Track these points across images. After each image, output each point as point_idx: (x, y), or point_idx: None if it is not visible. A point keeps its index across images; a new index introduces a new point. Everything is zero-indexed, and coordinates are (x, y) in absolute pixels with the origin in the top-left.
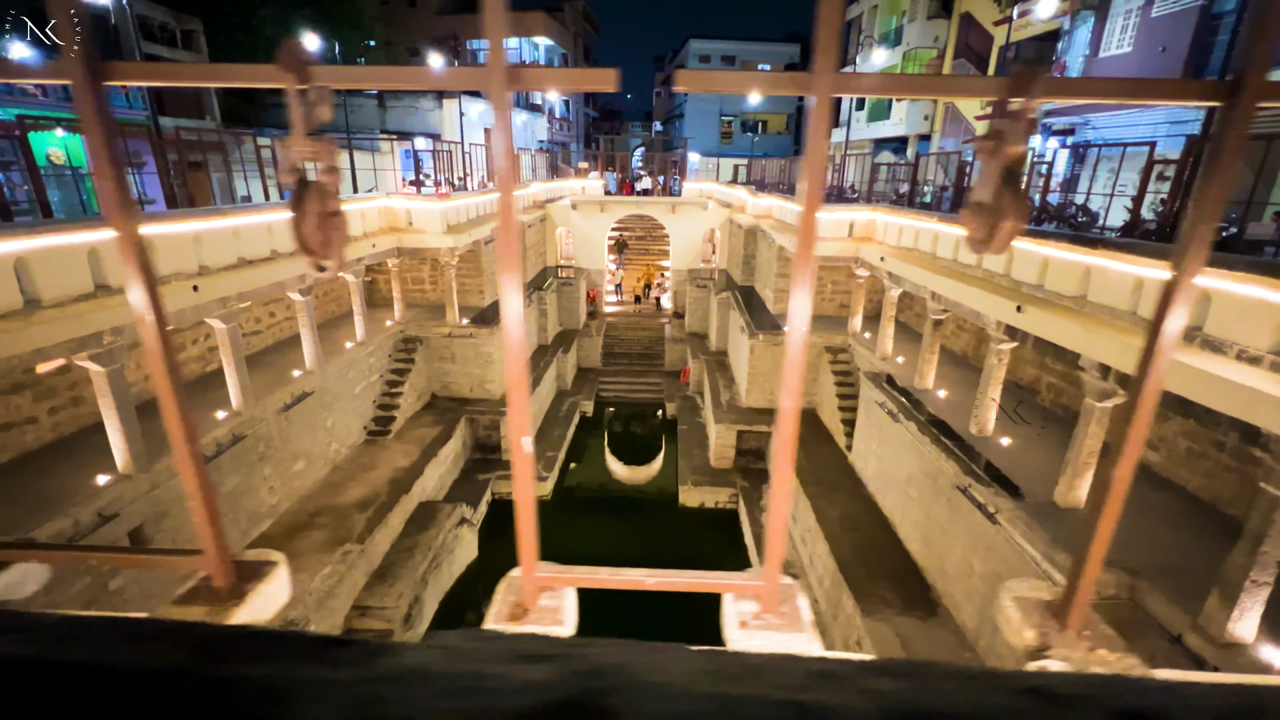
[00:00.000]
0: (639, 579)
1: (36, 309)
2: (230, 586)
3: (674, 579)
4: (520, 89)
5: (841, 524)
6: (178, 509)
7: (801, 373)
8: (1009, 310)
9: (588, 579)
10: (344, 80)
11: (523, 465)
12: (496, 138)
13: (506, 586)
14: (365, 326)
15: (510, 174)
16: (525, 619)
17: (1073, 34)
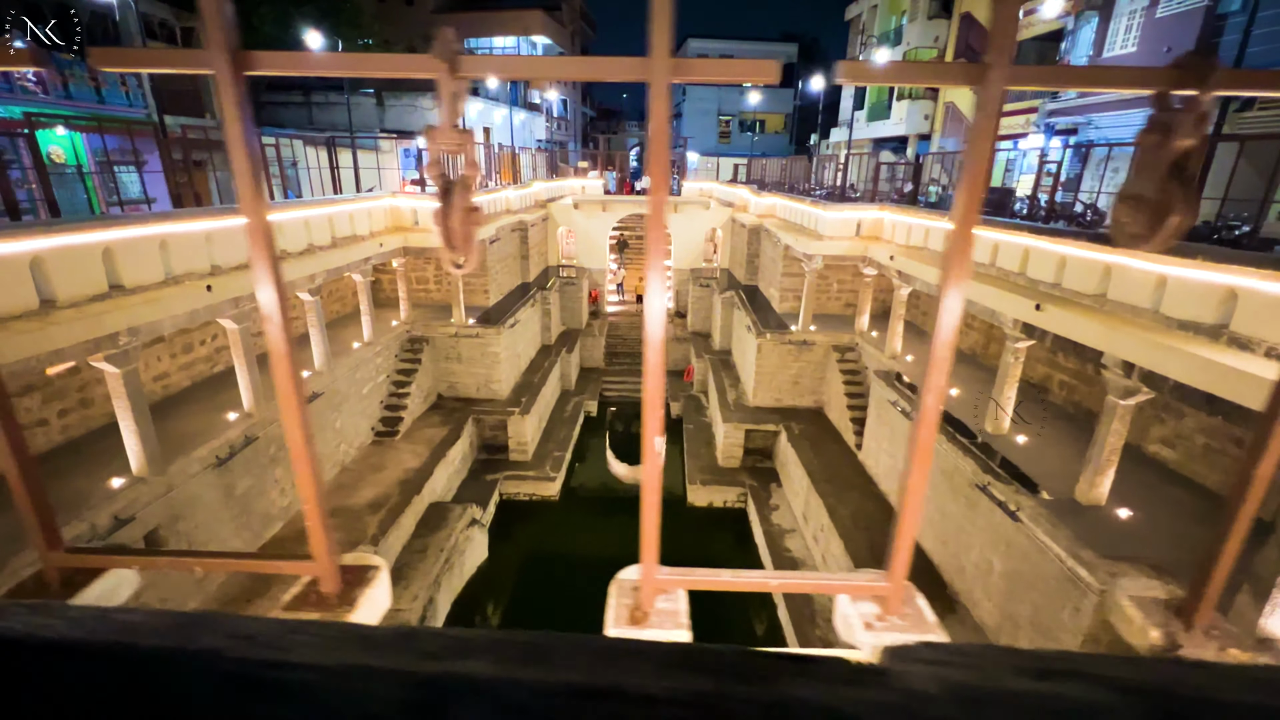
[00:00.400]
0: (761, 580)
1: (52, 309)
2: (339, 592)
3: (796, 581)
4: (684, 80)
5: (854, 522)
6: (192, 511)
7: (942, 395)
8: (1027, 309)
9: (708, 581)
10: (492, 70)
11: (653, 467)
12: (655, 131)
13: (618, 589)
14: (372, 327)
15: (664, 170)
16: (646, 623)
17: (1076, 34)
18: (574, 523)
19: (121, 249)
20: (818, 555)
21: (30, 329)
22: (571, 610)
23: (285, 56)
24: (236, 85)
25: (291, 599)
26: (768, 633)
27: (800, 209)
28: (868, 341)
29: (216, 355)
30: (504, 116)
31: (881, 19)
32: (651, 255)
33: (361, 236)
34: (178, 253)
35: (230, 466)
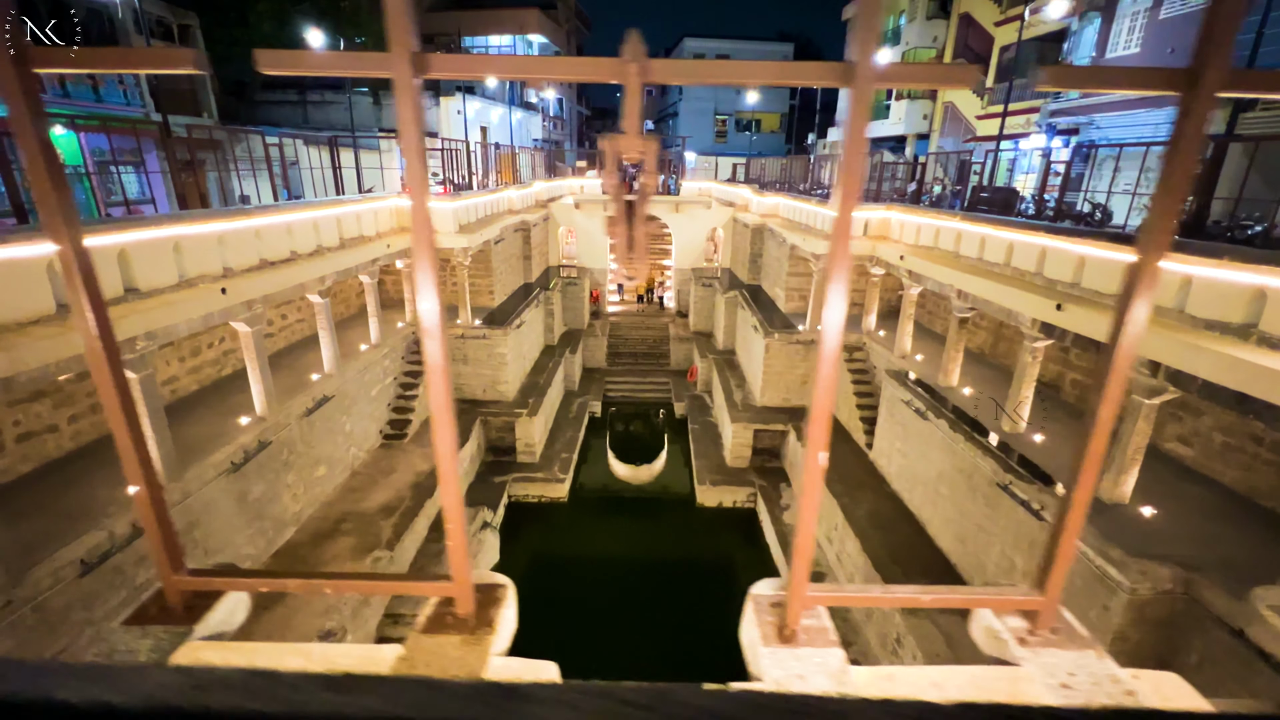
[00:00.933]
0: (913, 596)
1: (69, 314)
2: (475, 612)
3: (947, 595)
4: (883, 86)
5: (869, 521)
6: (208, 518)
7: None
8: (1047, 309)
9: (859, 598)
10: (677, 76)
11: (814, 481)
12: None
13: (756, 605)
14: (380, 329)
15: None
16: (796, 641)
17: (1079, 35)
18: (583, 524)
19: (136, 252)
20: (831, 555)
21: (49, 334)
22: (588, 614)
23: (461, 59)
24: (415, 89)
25: (428, 621)
26: None
27: (805, 208)
28: (875, 341)
29: (224, 359)
30: (500, 116)
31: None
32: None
33: (369, 237)
34: (191, 255)
35: (245, 472)
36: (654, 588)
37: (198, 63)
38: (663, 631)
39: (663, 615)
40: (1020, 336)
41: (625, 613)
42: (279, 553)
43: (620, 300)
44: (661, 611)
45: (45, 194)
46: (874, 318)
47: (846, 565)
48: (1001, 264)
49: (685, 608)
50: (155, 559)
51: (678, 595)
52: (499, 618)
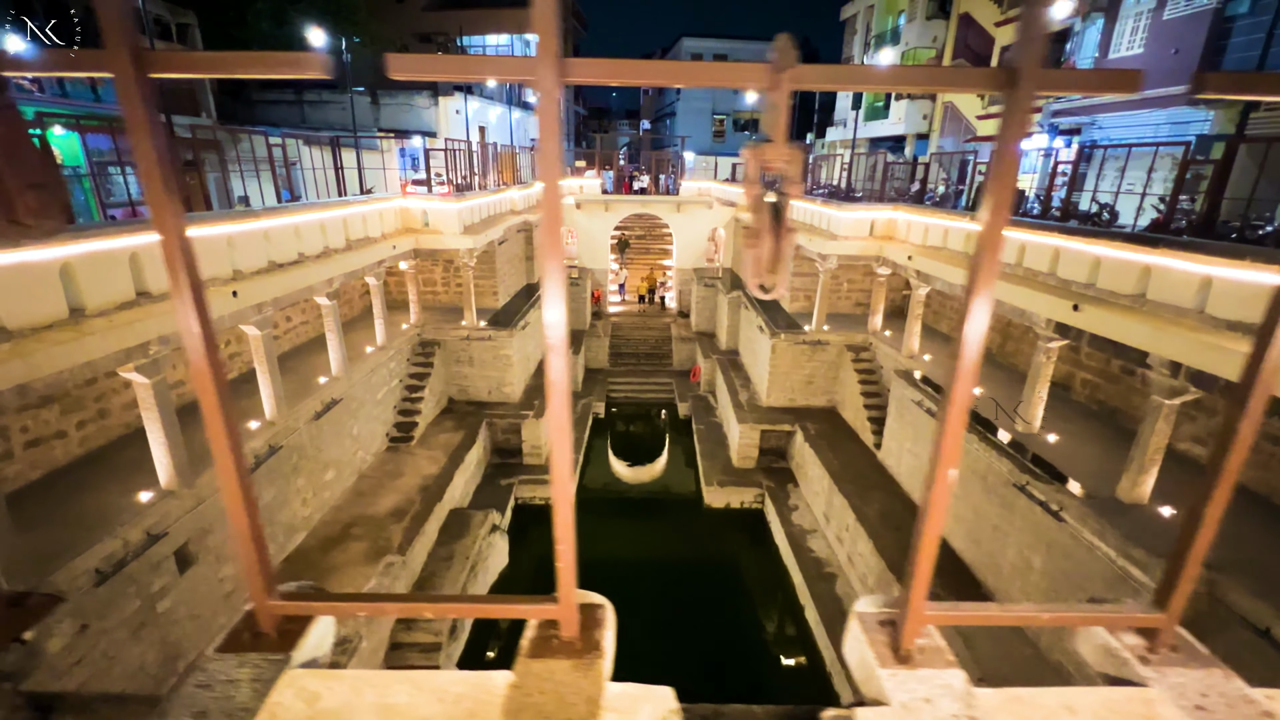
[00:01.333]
0: (1032, 614)
1: (82, 318)
2: (580, 635)
3: (1065, 614)
4: (1049, 92)
5: (882, 522)
6: (221, 524)
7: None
8: (1063, 309)
9: (978, 616)
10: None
11: (941, 495)
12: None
13: (863, 623)
14: (387, 331)
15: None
16: (914, 662)
17: (1082, 35)
18: (591, 526)
19: (148, 254)
20: (842, 556)
21: (64, 339)
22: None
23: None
24: (556, 98)
25: (532, 645)
26: (797, 635)
27: (810, 209)
28: (882, 341)
29: (228, 362)
30: (499, 115)
31: (879, 19)
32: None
33: (374, 238)
34: (201, 258)
35: (255, 477)
36: (666, 589)
37: (325, 66)
38: (680, 633)
39: (676, 616)
40: (1028, 336)
41: (640, 615)
42: (290, 558)
43: (621, 301)
44: (675, 612)
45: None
46: (880, 318)
47: (859, 566)
48: (1014, 264)
49: (698, 609)
50: (250, 582)
51: (690, 596)
52: (603, 640)
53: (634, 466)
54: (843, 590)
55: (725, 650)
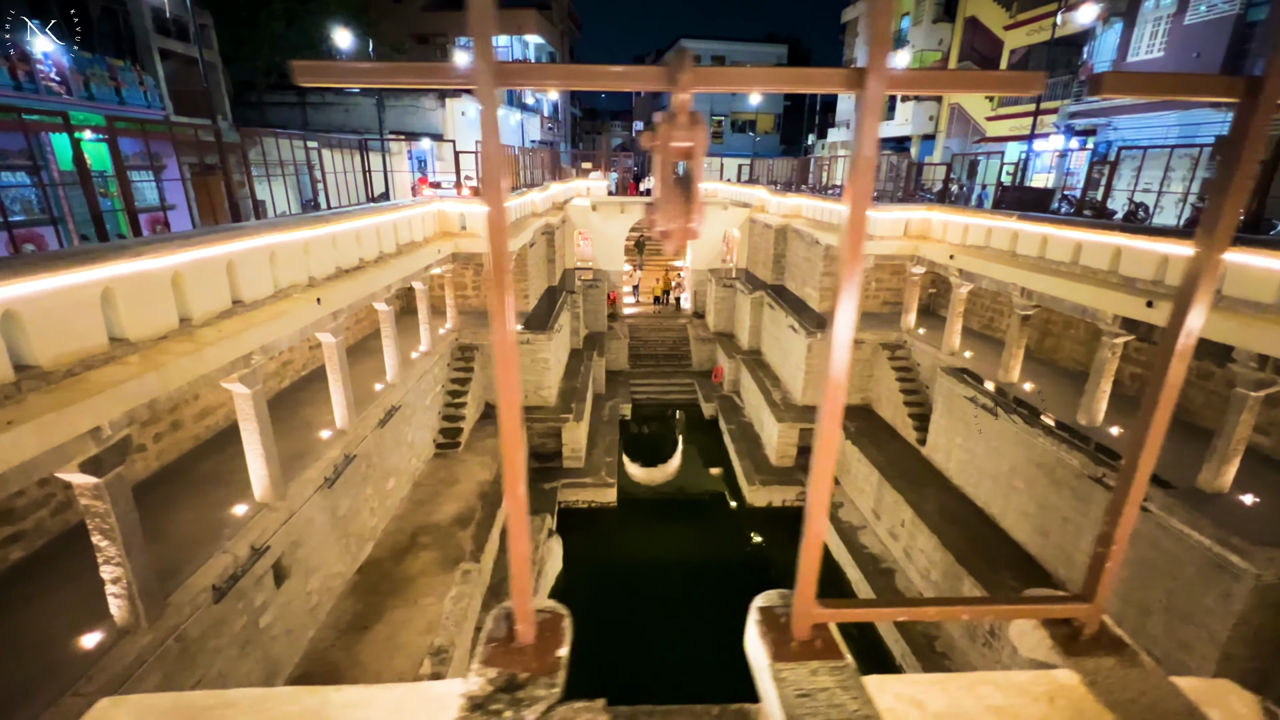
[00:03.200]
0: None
1: (191, 328)
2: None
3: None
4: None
5: (940, 515)
6: (308, 536)
7: None
8: (1134, 306)
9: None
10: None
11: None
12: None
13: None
14: (430, 336)
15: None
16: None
17: (1100, 40)
18: (635, 527)
19: (241, 262)
20: (898, 550)
21: (185, 350)
22: (657, 617)
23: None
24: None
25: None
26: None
27: (838, 209)
28: (916, 339)
29: (283, 370)
30: (501, 117)
31: None
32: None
33: (419, 242)
34: (283, 265)
35: (336, 487)
36: (717, 587)
37: None
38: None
39: (731, 615)
40: (1068, 333)
41: (691, 614)
42: (363, 568)
43: (636, 302)
44: (730, 611)
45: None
46: (914, 316)
47: (920, 560)
48: (1069, 262)
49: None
50: (801, 592)
51: (742, 593)
52: None
53: (666, 467)
54: (903, 584)
55: None
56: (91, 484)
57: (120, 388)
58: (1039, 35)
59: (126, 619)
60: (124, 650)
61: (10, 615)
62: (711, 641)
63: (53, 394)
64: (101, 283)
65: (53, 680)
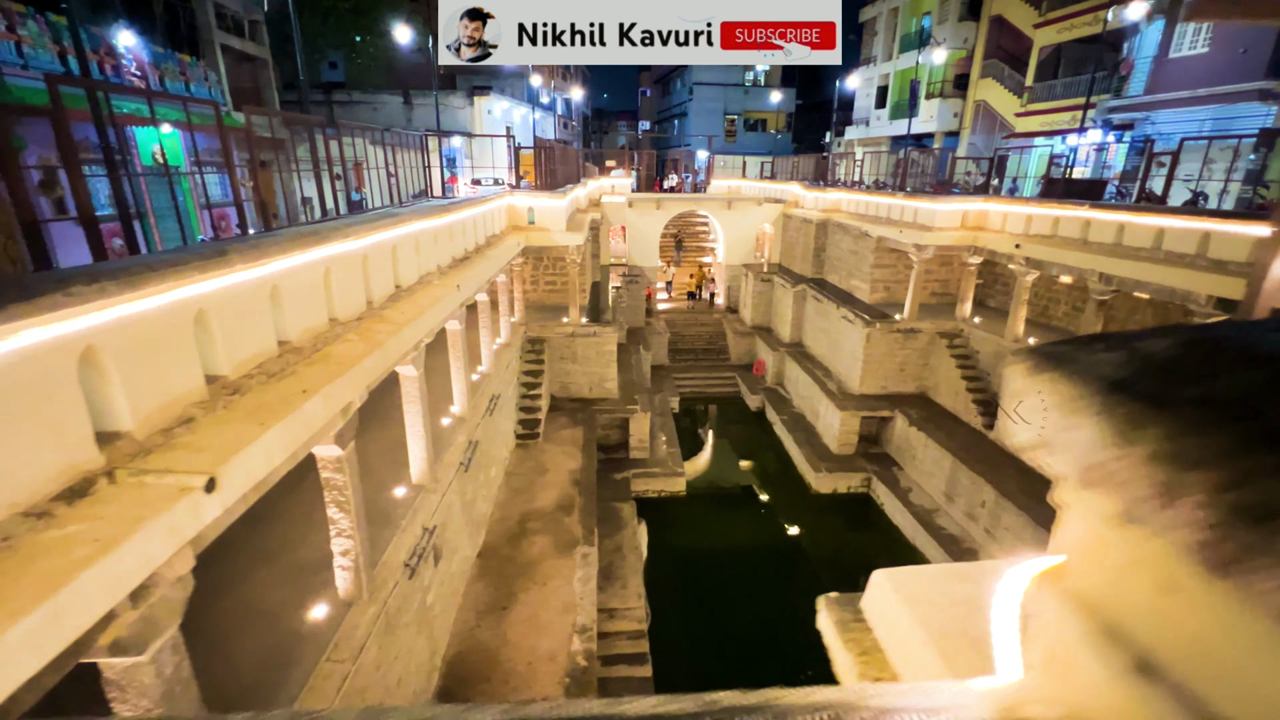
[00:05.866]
0: None
1: (375, 311)
2: None
3: None
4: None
5: (1025, 495)
6: (450, 519)
7: None
8: (1232, 287)
9: None
10: None
11: None
12: None
13: None
14: (508, 327)
15: None
16: None
17: (1143, 35)
18: (706, 516)
19: (401, 248)
20: (977, 531)
21: (389, 330)
22: (744, 600)
23: None
24: None
25: None
26: None
27: (886, 202)
28: (972, 327)
29: None
30: (523, 115)
31: (904, 20)
32: None
33: (499, 236)
34: (425, 253)
35: (469, 471)
36: (796, 571)
37: None
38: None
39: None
40: (1132, 317)
41: (773, 595)
42: (482, 553)
43: (669, 298)
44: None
45: None
46: (969, 305)
47: (1005, 539)
48: (1150, 247)
49: (837, 588)
50: None
51: (821, 577)
52: None
53: (720, 458)
54: None
55: None
56: (335, 456)
57: (362, 364)
58: (1070, 33)
59: (351, 591)
60: (354, 620)
61: (237, 588)
62: (792, 620)
63: (313, 367)
64: (324, 262)
65: (304, 648)
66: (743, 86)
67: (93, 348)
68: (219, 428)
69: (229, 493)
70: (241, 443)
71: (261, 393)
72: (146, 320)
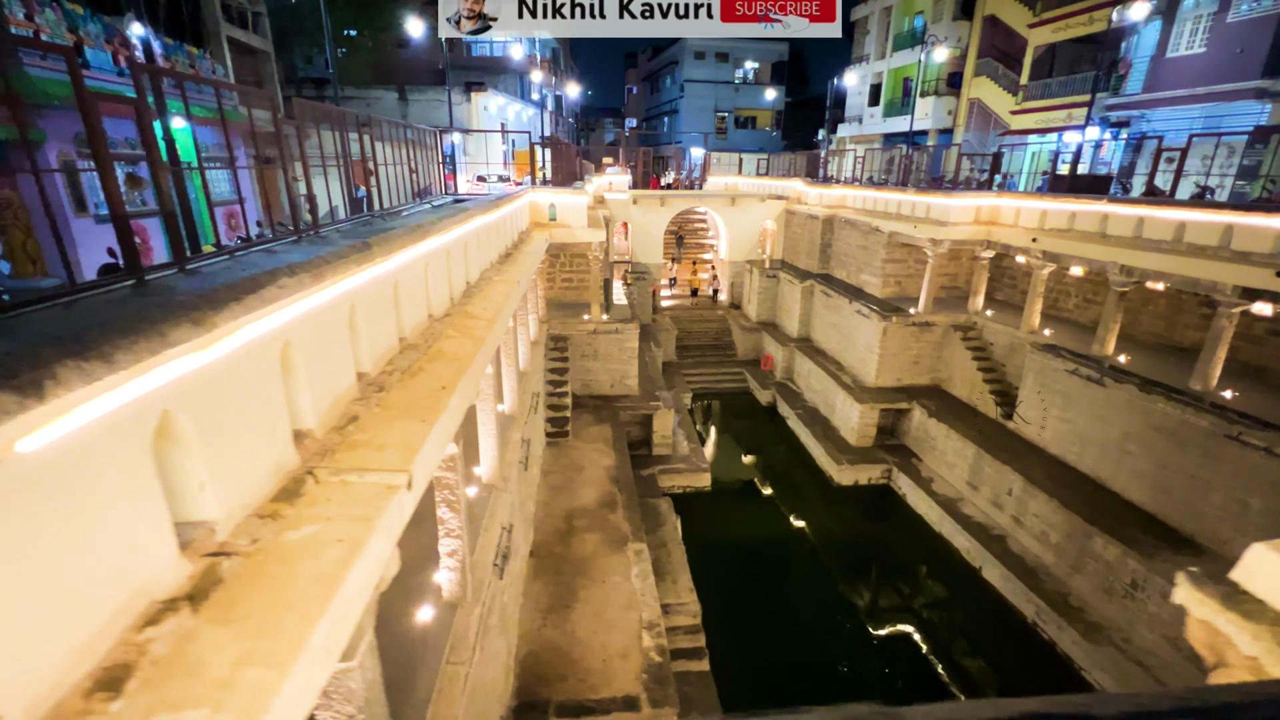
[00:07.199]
0: None
1: (461, 307)
2: None
3: None
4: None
5: (1051, 482)
6: (516, 517)
7: None
8: (1261, 277)
9: None
10: None
11: None
12: None
13: None
14: (535, 325)
15: None
16: None
17: (1140, 35)
18: (729, 510)
19: (471, 244)
20: (1004, 519)
21: (483, 327)
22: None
23: None
24: None
25: None
26: (974, 587)
27: (896, 198)
28: (984, 320)
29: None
30: (516, 112)
31: (896, 20)
32: None
33: (526, 234)
34: (484, 249)
35: (528, 470)
36: (823, 561)
37: None
38: (889, 600)
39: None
40: (1145, 308)
41: (812, 586)
42: (535, 552)
43: (672, 295)
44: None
45: None
46: (981, 298)
47: (1034, 525)
48: (1171, 240)
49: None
50: None
51: (850, 566)
52: None
53: (737, 453)
54: (1016, 549)
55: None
56: (450, 454)
57: (475, 359)
58: (1065, 33)
59: (456, 592)
60: (464, 621)
61: None
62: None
63: (436, 363)
64: (425, 257)
65: (420, 650)
66: (733, 84)
67: (289, 343)
68: (384, 425)
69: (417, 491)
70: (418, 440)
71: (404, 389)
72: (323, 314)
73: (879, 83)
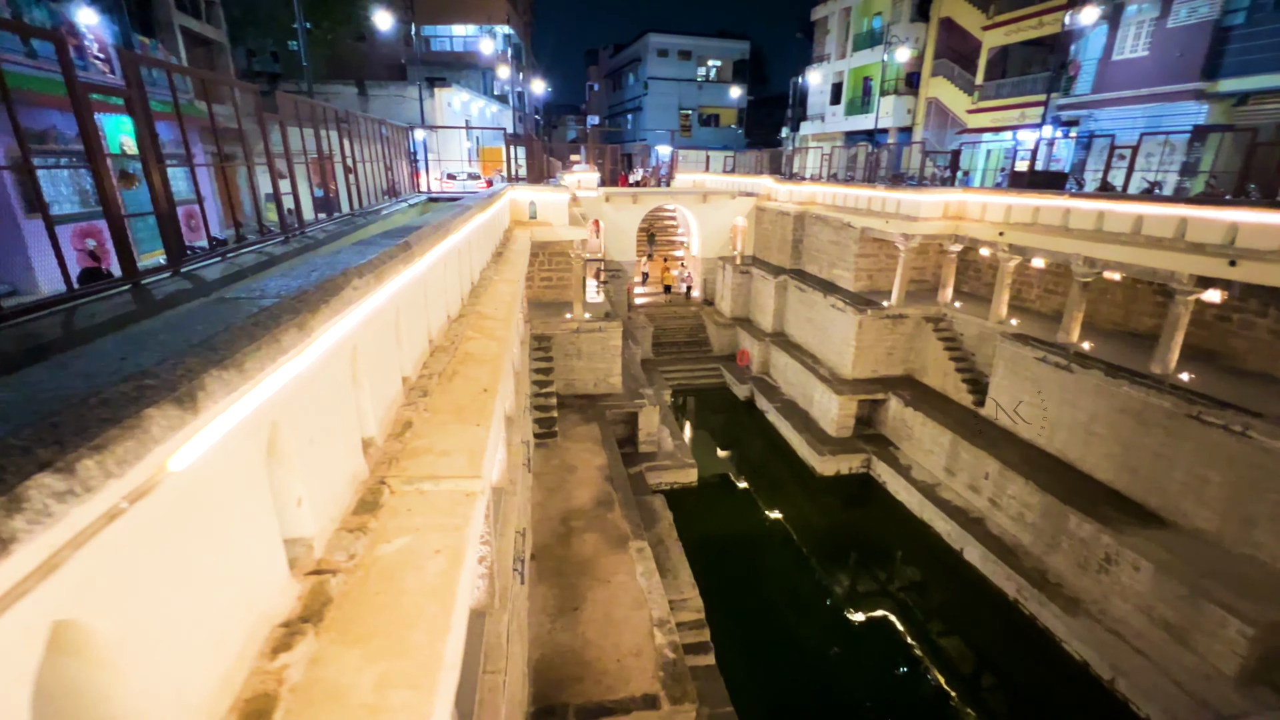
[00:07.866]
0: None
1: (472, 309)
2: None
3: None
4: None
5: (1026, 465)
6: (524, 520)
7: None
8: (1214, 266)
9: None
10: None
11: None
12: None
13: None
14: (521, 324)
15: None
16: None
17: (1088, 39)
18: (715, 505)
19: (474, 242)
20: (981, 502)
21: (498, 329)
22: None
23: None
24: None
25: None
26: (957, 567)
27: (866, 194)
28: (954, 311)
29: None
30: (480, 108)
31: (856, 20)
32: None
33: (510, 232)
34: (483, 248)
35: (534, 473)
36: (811, 550)
37: None
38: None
39: (847, 573)
40: (1104, 297)
41: (803, 575)
42: (536, 555)
43: (645, 292)
44: (844, 569)
45: None
46: (950, 291)
47: (1011, 507)
48: (1129, 233)
49: (862, 561)
50: None
51: (836, 554)
52: None
53: (718, 447)
54: (996, 531)
55: (940, 588)
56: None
57: (501, 360)
58: (1018, 35)
59: (485, 600)
60: (495, 629)
61: None
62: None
63: (467, 365)
64: (444, 256)
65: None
66: (696, 82)
67: (355, 347)
68: (439, 430)
69: (484, 498)
70: (479, 444)
71: (445, 393)
72: (379, 316)
73: (840, 82)
